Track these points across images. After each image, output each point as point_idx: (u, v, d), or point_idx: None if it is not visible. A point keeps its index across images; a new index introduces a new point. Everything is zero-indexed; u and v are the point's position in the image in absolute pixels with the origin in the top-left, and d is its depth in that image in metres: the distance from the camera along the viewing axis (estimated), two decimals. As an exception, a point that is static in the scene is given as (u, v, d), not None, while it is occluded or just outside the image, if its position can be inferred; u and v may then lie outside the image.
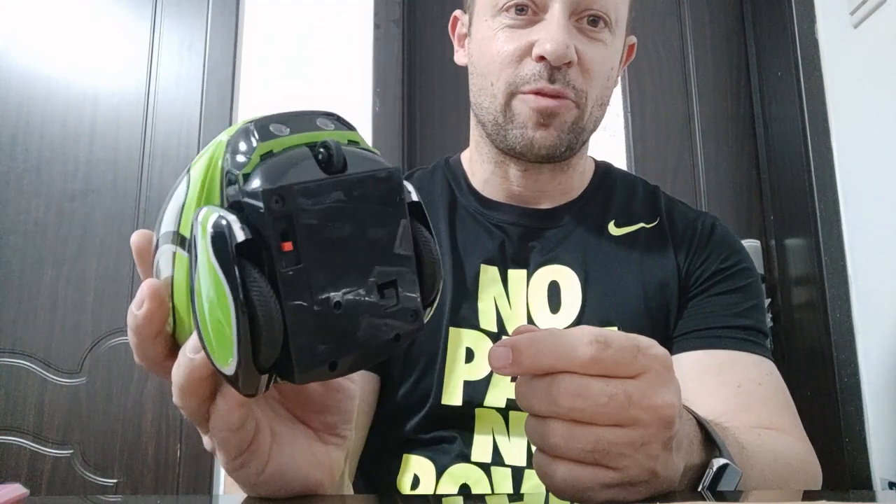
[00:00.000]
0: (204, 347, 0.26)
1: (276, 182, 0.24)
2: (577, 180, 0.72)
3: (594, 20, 0.62)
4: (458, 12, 0.74)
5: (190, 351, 0.27)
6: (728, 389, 0.60)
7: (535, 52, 0.60)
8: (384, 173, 0.28)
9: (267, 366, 0.25)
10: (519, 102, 0.62)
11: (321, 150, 0.26)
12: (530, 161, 0.66)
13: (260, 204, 0.24)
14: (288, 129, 0.27)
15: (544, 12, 0.61)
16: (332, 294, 0.26)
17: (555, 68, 0.60)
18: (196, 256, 0.25)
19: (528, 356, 0.33)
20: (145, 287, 0.28)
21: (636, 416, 0.32)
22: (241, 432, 0.30)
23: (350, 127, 0.30)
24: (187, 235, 0.26)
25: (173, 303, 0.28)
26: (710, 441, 0.42)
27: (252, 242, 0.24)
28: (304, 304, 0.25)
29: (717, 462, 0.40)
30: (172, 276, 0.28)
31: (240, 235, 0.24)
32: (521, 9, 0.62)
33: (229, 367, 0.25)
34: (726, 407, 0.57)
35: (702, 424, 0.42)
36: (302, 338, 0.25)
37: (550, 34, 0.59)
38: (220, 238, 0.24)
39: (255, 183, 0.25)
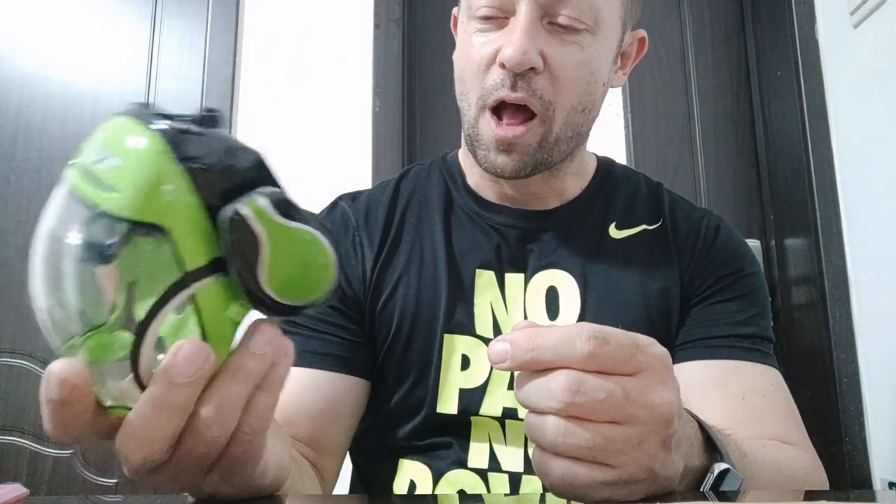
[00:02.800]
0: (279, 307, 0.29)
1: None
2: (573, 181, 0.69)
3: (566, 23, 0.58)
4: (455, 10, 0.73)
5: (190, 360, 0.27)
6: (732, 401, 0.59)
7: (498, 58, 0.57)
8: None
9: None
10: (484, 122, 0.60)
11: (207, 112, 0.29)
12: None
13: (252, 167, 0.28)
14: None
15: (513, 16, 0.58)
16: None
17: (518, 75, 0.57)
18: (251, 239, 0.27)
19: (527, 351, 0.33)
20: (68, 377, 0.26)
21: (634, 414, 0.32)
22: (265, 427, 0.31)
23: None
24: (207, 259, 0.28)
25: (205, 329, 0.28)
26: (711, 445, 0.41)
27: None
28: None
29: (719, 466, 0.40)
30: (199, 314, 0.28)
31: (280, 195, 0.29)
32: (489, 16, 0.59)
33: (325, 290, 0.30)
34: (731, 419, 0.55)
35: (703, 427, 0.42)
36: None
37: (512, 40, 0.56)
38: (285, 202, 0.28)
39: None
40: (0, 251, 1.46)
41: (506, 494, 0.58)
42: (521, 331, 0.34)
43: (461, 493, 0.60)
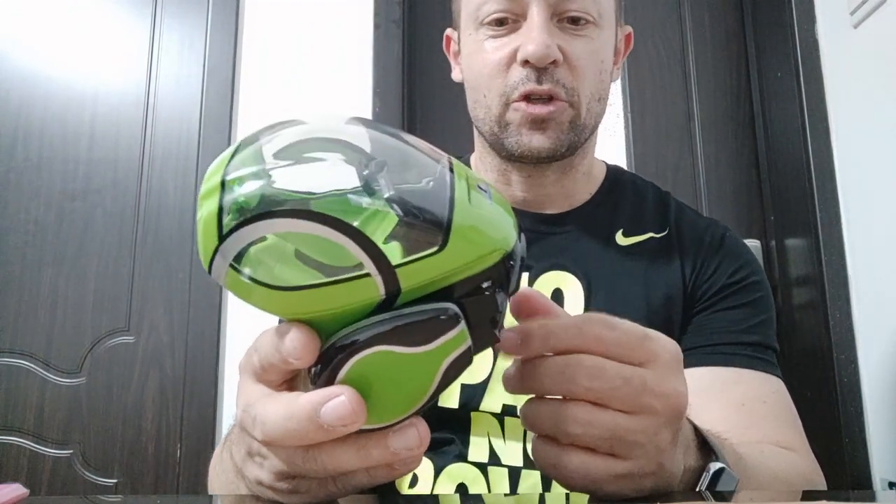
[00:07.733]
0: None
1: None
2: (583, 183, 0.71)
3: (575, 19, 0.62)
4: (449, 31, 0.74)
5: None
6: (731, 408, 0.59)
7: (519, 56, 0.61)
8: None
9: None
10: (511, 112, 0.62)
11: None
12: (532, 164, 0.66)
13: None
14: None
15: (524, 19, 0.62)
16: None
17: (541, 69, 0.60)
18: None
19: (538, 338, 0.32)
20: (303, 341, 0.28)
21: (650, 404, 0.32)
22: None
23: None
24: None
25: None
26: (706, 447, 0.41)
27: None
28: None
29: (714, 465, 0.40)
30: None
31: None
32: (501, 20, 0.63)
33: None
34: (728, 425, 0.55)
35: (697, 429, 0.42)
36: None
37: (531, 37, 0.60)
38: None
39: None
40: (0, 251, 1.46)
41: (506, 494, 0.58)
42: (533, 322, 0.33)
43: (461, 488, 0.60)
